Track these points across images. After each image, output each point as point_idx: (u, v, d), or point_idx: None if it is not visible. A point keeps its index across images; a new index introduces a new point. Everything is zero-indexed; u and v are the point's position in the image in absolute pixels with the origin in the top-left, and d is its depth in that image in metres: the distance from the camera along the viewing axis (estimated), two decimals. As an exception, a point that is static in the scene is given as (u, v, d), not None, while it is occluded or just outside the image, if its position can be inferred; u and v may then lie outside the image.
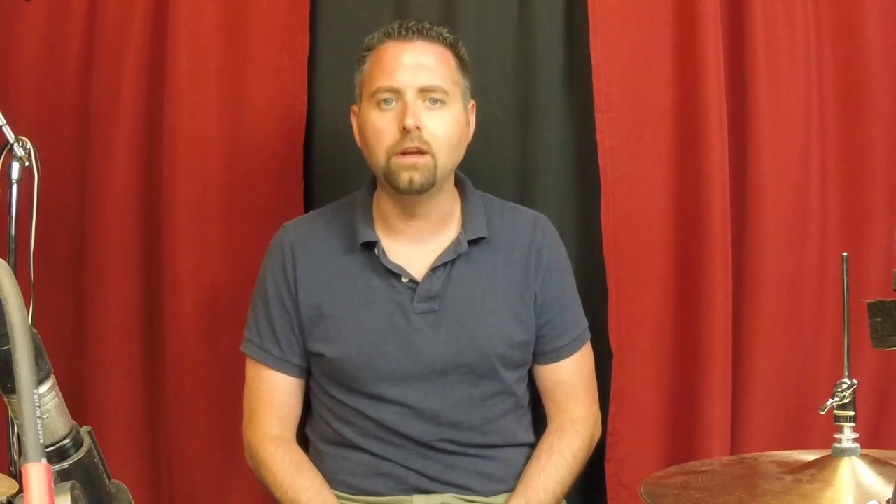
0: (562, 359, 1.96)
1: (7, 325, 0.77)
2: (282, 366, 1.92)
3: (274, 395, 1.92)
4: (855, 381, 1.38)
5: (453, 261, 1.87)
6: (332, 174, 2.27)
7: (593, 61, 2.15)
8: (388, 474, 1.88)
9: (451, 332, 1.86)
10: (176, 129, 2.18)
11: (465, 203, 1.93)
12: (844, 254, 1.42)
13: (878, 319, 1.24)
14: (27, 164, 1.90)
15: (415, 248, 1.88)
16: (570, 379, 1.97)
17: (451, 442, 1.88)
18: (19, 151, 1.89)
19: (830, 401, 1.38)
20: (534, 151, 2.24)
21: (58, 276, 2.26)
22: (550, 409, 1.99)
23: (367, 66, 1.87)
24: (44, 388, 0.87)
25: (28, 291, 1.95)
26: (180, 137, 2.19)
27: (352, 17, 2.26)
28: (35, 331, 0.85)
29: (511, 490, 1.90)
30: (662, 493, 1.39)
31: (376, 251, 1.86)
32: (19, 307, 0.78)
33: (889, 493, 1.26)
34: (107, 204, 2.22)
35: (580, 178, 2.24)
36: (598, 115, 2.15)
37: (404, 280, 1.86)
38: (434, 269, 1.86)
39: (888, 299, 1.24)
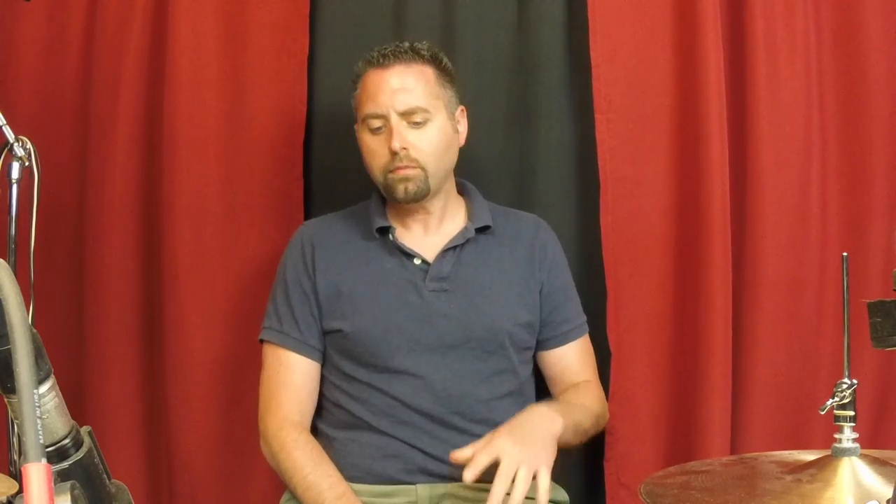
0: (568, 342, 2.05)
1: (7, 325, 0.77)
2: (301, 348, 1.97)
3: (293, 379, 1.97)
4: (855, 381, 1.38)
5: (462, 245, 2.00)
6: (332, 174, 2.27)
7: (593, 61, 2.15)
8: (396, 455, 1.92)
9: (462, 308, 1.96)
10: (176, 129, 2.19)
11: (470, 203, 2.06)
12: (844, 254, 1.42)
13: (878, 319, 1.24)
14: (27, 164, 1.91)
15: (425, 237, 2.01)
16: (576, 364, 2.06)
17: (458, 415, 1.93)
18: (19, 151, 1.89)
19: (830, 401, 1.38)
20: (534, 152, 2.24)
21: (58, 276, 2.26)
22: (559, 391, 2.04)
23: (357, 91, 1.99)
24: (44, 388, 0.87)
25: (28, 291, 1.95)
26: (180, 137, 2.19)
27: (351, 17, 2.26)
28: (35, 331, 0.85)
29: None
30: (662, 493, 1.39)
31: (391, 235, 1.98)
32: (19, 307, 0.78)
33: (889, 493, 1.26)
34: (106, 204, 2.22)
35: (580, 178, 2.24)
36: (597, 116, 2.16)
37: (416, 262, 1.98)
38: (444, 252, 1.98)
39: (888, 299, 1.24)
